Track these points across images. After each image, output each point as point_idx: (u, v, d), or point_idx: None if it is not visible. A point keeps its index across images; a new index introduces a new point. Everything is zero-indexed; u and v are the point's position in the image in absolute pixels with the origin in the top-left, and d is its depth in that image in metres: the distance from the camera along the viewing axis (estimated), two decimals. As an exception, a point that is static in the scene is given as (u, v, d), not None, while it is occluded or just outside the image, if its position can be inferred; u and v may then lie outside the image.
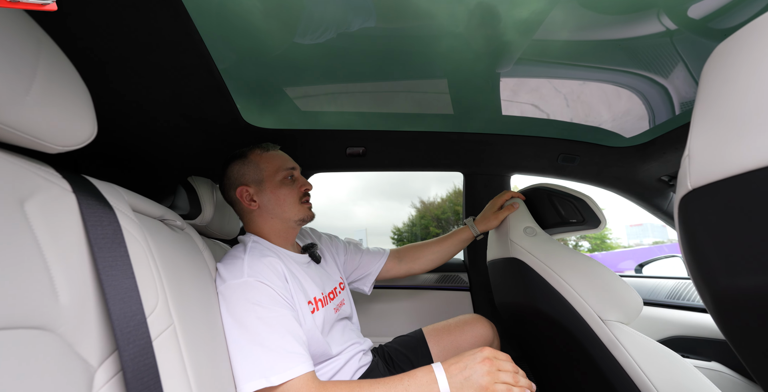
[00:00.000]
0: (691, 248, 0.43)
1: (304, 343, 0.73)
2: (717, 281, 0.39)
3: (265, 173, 0.93)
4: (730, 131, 0.35)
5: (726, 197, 0.36)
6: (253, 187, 0.92)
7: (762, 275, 0.33)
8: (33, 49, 0.38)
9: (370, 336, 1.39)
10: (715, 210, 0.37)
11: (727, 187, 0.35)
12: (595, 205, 1.02)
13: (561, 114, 1.45)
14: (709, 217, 0.39)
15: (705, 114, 0.38)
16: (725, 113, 0.36)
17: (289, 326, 0.73)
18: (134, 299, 0.44)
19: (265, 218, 0.93)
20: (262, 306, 0.72)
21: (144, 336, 0.43)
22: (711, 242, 0.39)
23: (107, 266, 0.42)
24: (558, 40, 1.06)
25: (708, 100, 0.38)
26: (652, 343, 0.80)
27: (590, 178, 1.54)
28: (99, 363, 0.40)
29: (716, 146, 0.37)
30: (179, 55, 0.80)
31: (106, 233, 0.44)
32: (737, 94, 0.35)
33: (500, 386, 0.65)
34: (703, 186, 0.38)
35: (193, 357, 0.53)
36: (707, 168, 0.37)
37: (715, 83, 0.38)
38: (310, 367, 0.69)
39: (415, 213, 22.41)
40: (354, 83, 1.26)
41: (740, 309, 0.38)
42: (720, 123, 0.37)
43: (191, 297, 0.61)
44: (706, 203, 0.39)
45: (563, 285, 0.89)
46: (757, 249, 0.34)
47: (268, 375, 0.65)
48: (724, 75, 0.37)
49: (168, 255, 0.58)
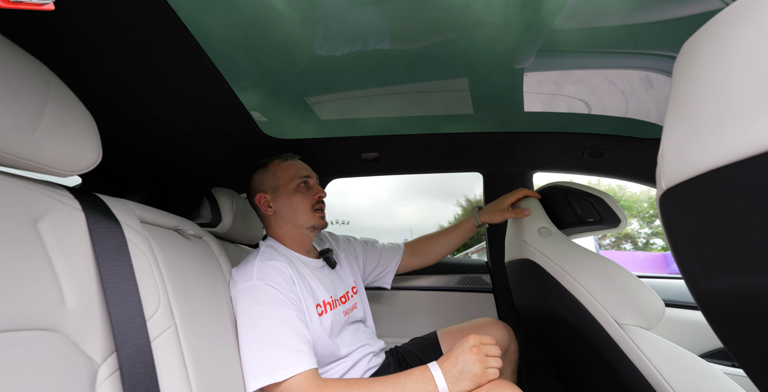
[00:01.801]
0: (673, 249, 0.41)
1: (308, 342, 0.77)
2: (697, 284, 0.37)
3: (281, 181, 0.99)
4: (694, 129, 0.33)
5: (694, 197, 0.34)
6: (269, 194, 0.98)
7: (736, 275, 0.31)
8: (42, 90, 0.45)
9: (388, 337, 1.41)
10: (687, 211, 0.36)
11: (694, 187, 0.34)
12: (615, 203, 0.96)
13: (586, 107, 1.37)
14: (683, 218, 0.37)
15: (675, 111, 0.37)
16: (690, 111, 0.34)
17: (293, 325, 0.77)
18: (134, 303, 0.50)
19: (280, 224, 0.99)
20: (268, 306, 0.77)
21: (142, 337, 0.49)
22: (688, 244, 0.37)
23: (110, 275, 0.48)
24: (583, 28, 1.01)
25: (677, 97, 0.36)
26: (677, 350, 0.74)
27: (622, 173, 1.44)
28: (103, 360, 0.46)
29: (683, 144, 0.35)
30: (194, 78, 0.88)
31: (111, 246, 0.50)
32: (699, 93, 0.33)
33: (491, 370, 0.69)
34: (675, 186, 0.36)
35: (195, 355, 0.59)
36: (677, 167, 0.36)
37: (682, 80, 0.36)
38: (312, 365, 0.73)
39: (460, 212, 22.04)
40: (375, 89, 1.29)
41: (723, 312, 0.36)
42: (686, 121, 0.35)
43: (197, 300, 0.66)
44: (679, 204, 0.37)
45: (577, 288, 0.85)
46: (727, 250, 0.32)
47: (272, 372, 0.70)
48: (690, 72, 0.35)
49: (175, 263, 0.64)
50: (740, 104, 0.28)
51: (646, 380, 0.74)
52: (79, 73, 0.75)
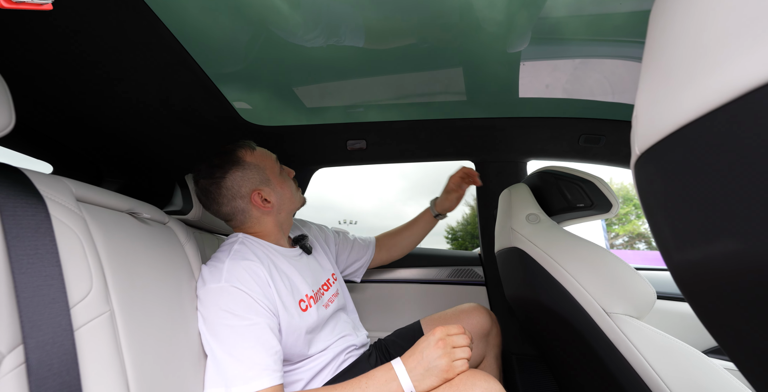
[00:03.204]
0: (649, 219, 0.36)
1: (274, 354, 0.70)
2: (671, 256, 0.33)
3: (267, 171, 0.90)
4: (666, 84, 0.29)
5: (666, 159, 0.29)
6: (264, 188, 0.88)
7: (708, 244, 0.26)
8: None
9: (376, 331, 1.36)
10: (660, 176, 0.31)
11: (665, 148, 0.29)
12: (606, 187, 0.89)
13: (583, 92, 1.30)
14: (655, 184, 0.32)
15: (648, 67, 0.32)
16: (663, 64, 0.30)
17: (260, 336, 0.70)
18: (55, 287, 0.45)
19: (274, 216, 0.91)
20: (235, 313, 0.70)
21: (62, 323, 0.44)
22: (661, 212, 0.32)
23: (23, 255, 0.43)
24: (581, 15, 0.95)
25: (650, 52, 0.32)
26: (668, 340, 0.68)
27: (620, 159, 1.37)
28: (9, 350, 0.41)
29: (655, 102, 0.30)
30: (154, 52, 0.82)
31: (27, 224, 0.45)
32: (672, 42, 0.28)
33: (458, 362, 0.65)
34: (647, 149, 0.32)
35: (136, 345, 0.54)
36: (649, 129, 0.31)
37: (656, 31, 0.31)
38: (275, 381, 0.67)
39: (468, 211, 21.85)
40: (363, 78, 1.24)
41: (698, 288, 0.31)
42: (659, 76, 0.30)
43: (147, 286, 0.62)
44: (651, 169, 0.32)
45: (564, 275, 0.79)
46: (698, 216, 0.27)
47: (229, 385, 0.64)
48: (664, 21, 0.30)
49: (120, 245, 0.59)
50: (717, 45, 0.23)
51: (634, 370, 0.69)
52: (32, 40, 0.69)
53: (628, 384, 0.69)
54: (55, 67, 0.77)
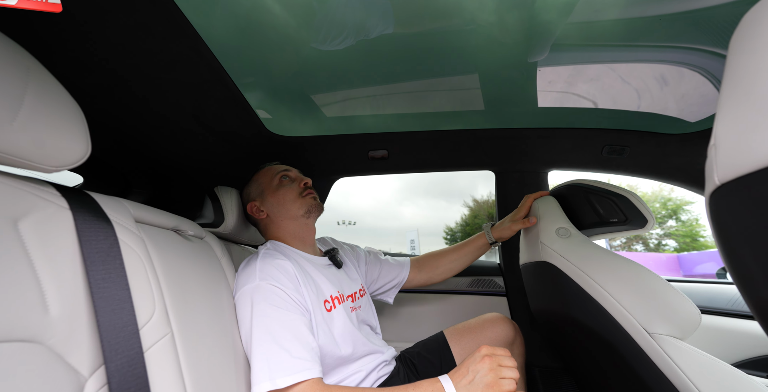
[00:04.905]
0: (726, 252, 0.36)
1: (311, 350, 0.72)
2: (757, 291, 0.32)
3: (264, 185, 1.01)
4: (757, 113, 0.28)
5: (758, 193, 0.29)
6: (258, 200, 1.00)
7: None
8: (21, 78, 0.41)
9: (396, 342, 1.36)
10: (748, 209, 0.31)
11: (758, 181, 0.29)
12: (641, 202, 0.89)
13: (606, 102, 1.31)
14: (741, 217, 0.32)
15: (731, 94, 0.31)
16: (752, 92, 0.29)
17: (297, 331, 0.72)
18: (126, 310, 0.45)
19: (277, 223, 0.97)
20: (274, 305, 0.74)
21: (134, 347, 0.44)
22: (747, 247, 0.32)
23: (100, 279, 0.44)
24: (602, 21, 0.95)
25: (734, 77, 0.31)
26: (717, 363, 0.68)
27: (643, 170, 1.38)
28: (90, 373, 0.41)
29: (743, 132, 0.30)
30: (193, 71, 0.83)
31: (101, 248, 0.46)
32: (764, 70, 0.28)
33: (505, 381, 0.66)
34: (732, 180, 0.31)
35: (192, 365, 0.54)
36: (735, 159, 0.31)
37: (742, 57, 0.31)
38: (315, 374, 0.68)
39: (467, 212, 21.79)
40: (381, 86, 1.25)
41: None
42: (746, 105, 0.30)
43: (196, 305, 0.62)
44: (736, 201, 0.32)
45: (601, 293, 0.79)
46: None
47: (273, 377, 0.66)
48: (752, 47, 0.30)
49: (173, 265, 0.60)
50: None
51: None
52: (68, 62, 0.70)
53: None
54: (94, 90, 0.78)
